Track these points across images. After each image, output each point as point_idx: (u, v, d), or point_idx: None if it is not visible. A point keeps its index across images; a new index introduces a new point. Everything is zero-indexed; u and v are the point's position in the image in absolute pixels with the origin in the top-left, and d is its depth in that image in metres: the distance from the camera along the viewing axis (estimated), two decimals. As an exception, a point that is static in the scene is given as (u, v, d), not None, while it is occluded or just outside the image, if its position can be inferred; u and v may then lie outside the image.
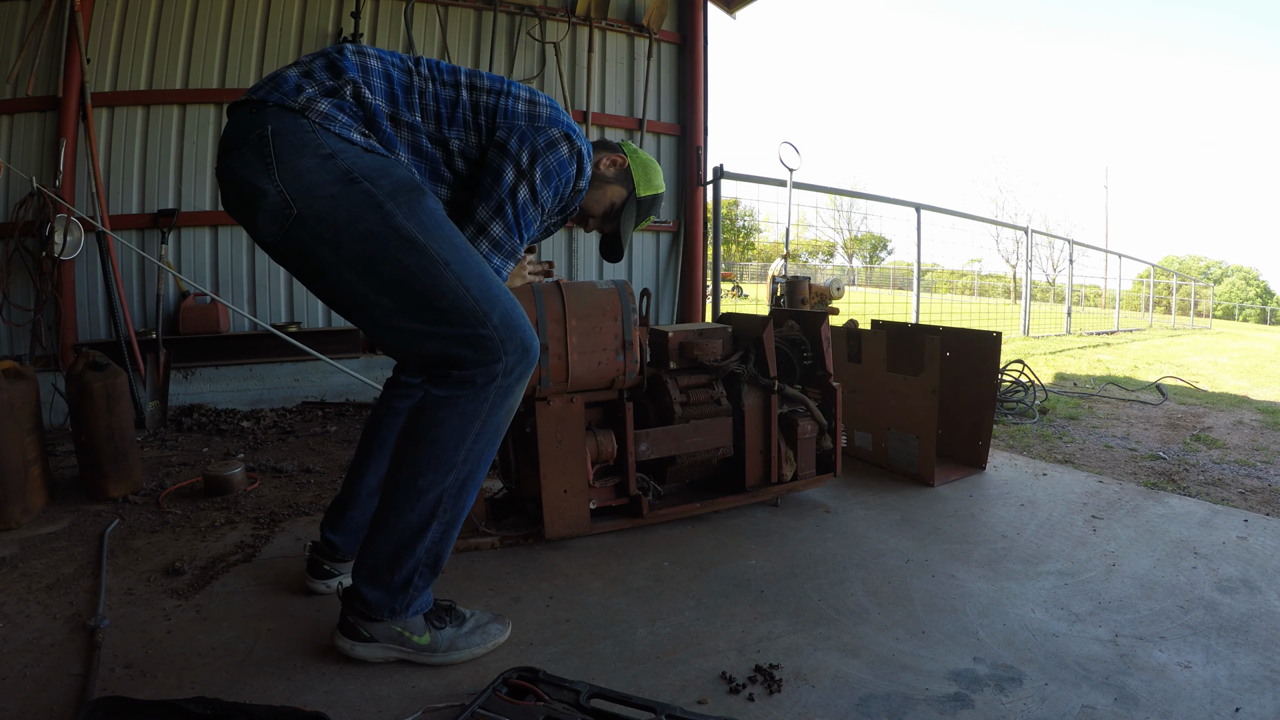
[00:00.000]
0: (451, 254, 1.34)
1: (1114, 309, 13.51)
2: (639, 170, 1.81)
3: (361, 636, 1.42)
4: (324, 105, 1.33)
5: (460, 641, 1.46)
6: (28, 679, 1.37)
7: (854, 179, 46.03)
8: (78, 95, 3.51)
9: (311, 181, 1.29)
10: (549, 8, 4.51)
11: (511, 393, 1.38)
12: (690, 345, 2.25)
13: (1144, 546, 2.06)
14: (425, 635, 1.44)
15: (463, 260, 1.35)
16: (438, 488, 1.37)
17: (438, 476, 1.37)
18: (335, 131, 1.32)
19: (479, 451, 1.39)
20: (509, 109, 1.52)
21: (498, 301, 1.36)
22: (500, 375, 1.36)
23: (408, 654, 1.43)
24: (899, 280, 16.92)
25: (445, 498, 1.38)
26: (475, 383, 1.35)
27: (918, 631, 1.58)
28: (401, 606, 1.41)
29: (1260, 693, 1.36)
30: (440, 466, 1.37)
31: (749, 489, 2.29)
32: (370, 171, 1.32)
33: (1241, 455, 3.16)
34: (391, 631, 1.42)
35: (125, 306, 3.53)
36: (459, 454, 1.37)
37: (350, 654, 1.43)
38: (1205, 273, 39.37)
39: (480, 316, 1.34)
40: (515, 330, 1.37)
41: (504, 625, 1.53)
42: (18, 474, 2.14)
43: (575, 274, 4.72)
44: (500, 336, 1.35)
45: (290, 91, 1.33)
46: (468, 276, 1.34)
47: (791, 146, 5.14)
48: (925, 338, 2.55)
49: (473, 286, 1.34)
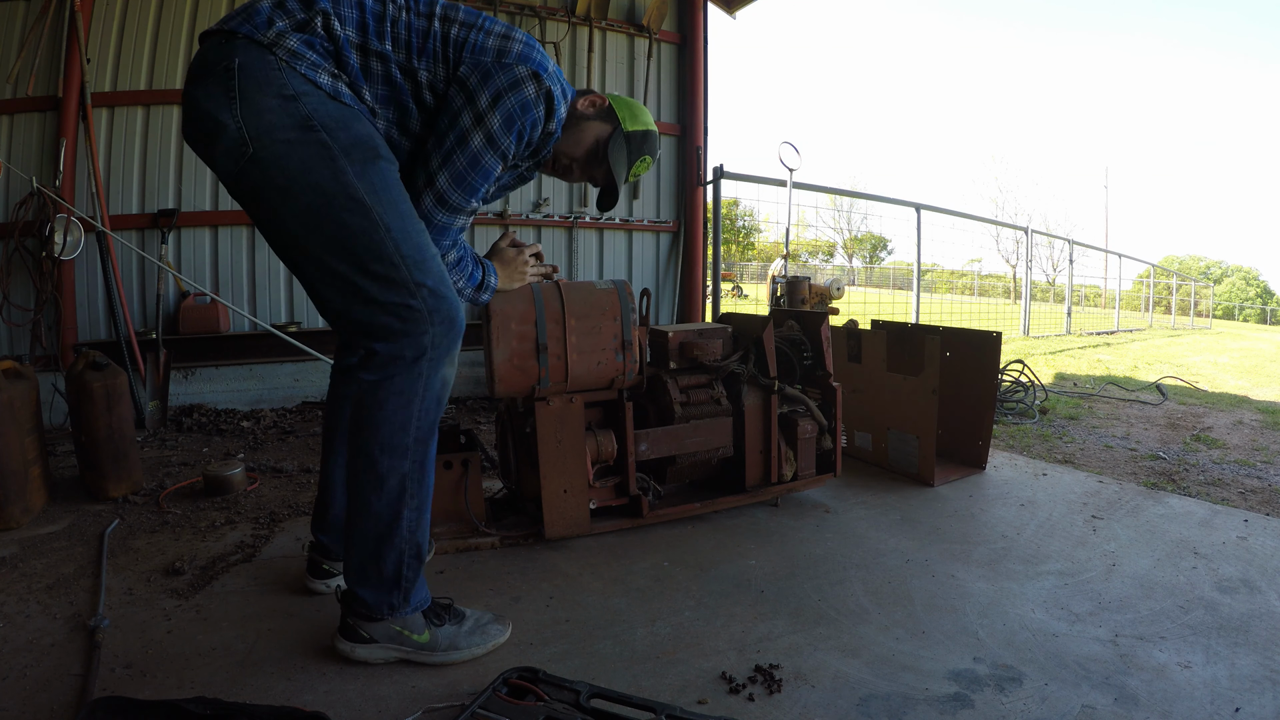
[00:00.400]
0: (394, 220, 1.32)
1: (1114, 309, 13.51)
2: (622, 107, 1.70)
3: (361, 638, 1.42)
4: (293, 41, 1.30)
5: (461, 641, 1.46)
6: (28, 679, 1.37)
7: (854, 179, 46.04)
8: (78, 95, 3.51)
9: (270, 122, 1.27)
10: (549, 8, 4.51)
11: (441, 364, 1.38)
12: (690, 345, 2.25)
13: (1144, 546, 2.05)
14: (425, 634, 1.44)
15: (404, 227, 1.33)
16: (397, 472, 1.38)
17: (395, 461, 1.37)
18: (302, 71, 1.29)
19: (426, 428, 1.39)
20: (477, 43, 1.43)
21: (429, 273, 1.35)
22: (428, 348, 1.36)
23: (408, 653, 1.43)
24: (899, 280, 16.92)
25: (408, 481, 1.39)
26: (404, 358, 1.35)
27: (918, 631, 1.58)
28: (399, 602, 1.42)
29: (1260, 693, 1.36)
30: (394, 450, 1.37)
31: (749, 489, 2.29)
32: (330, 121, 1.30)
33: (1241, 455, 3.16)
34: (391, 631, 1.42)
35: (125, 306, 3.53)
36: (408, 434, 1.37)
37: (351, 656, 1.43)
38: (1205, 273, 39.36)
39: (411, 287, 1.33)
40: (442, 302, 1.36)
41: (504, 626, 1.53)
42: (18, 474, 2.14)
43: (575, 274, 4.72)
44: (428, 308, 1.34)
45: (261, 24, 1.30)
46: (406, 245, 1.33)
47: (791, 146, 5.14)
48: (925, 338, 2.55)
49: (409, 256, 1.33)
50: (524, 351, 1.92)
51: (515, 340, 1.90)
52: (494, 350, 1.89)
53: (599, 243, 4.82)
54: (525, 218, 4.54)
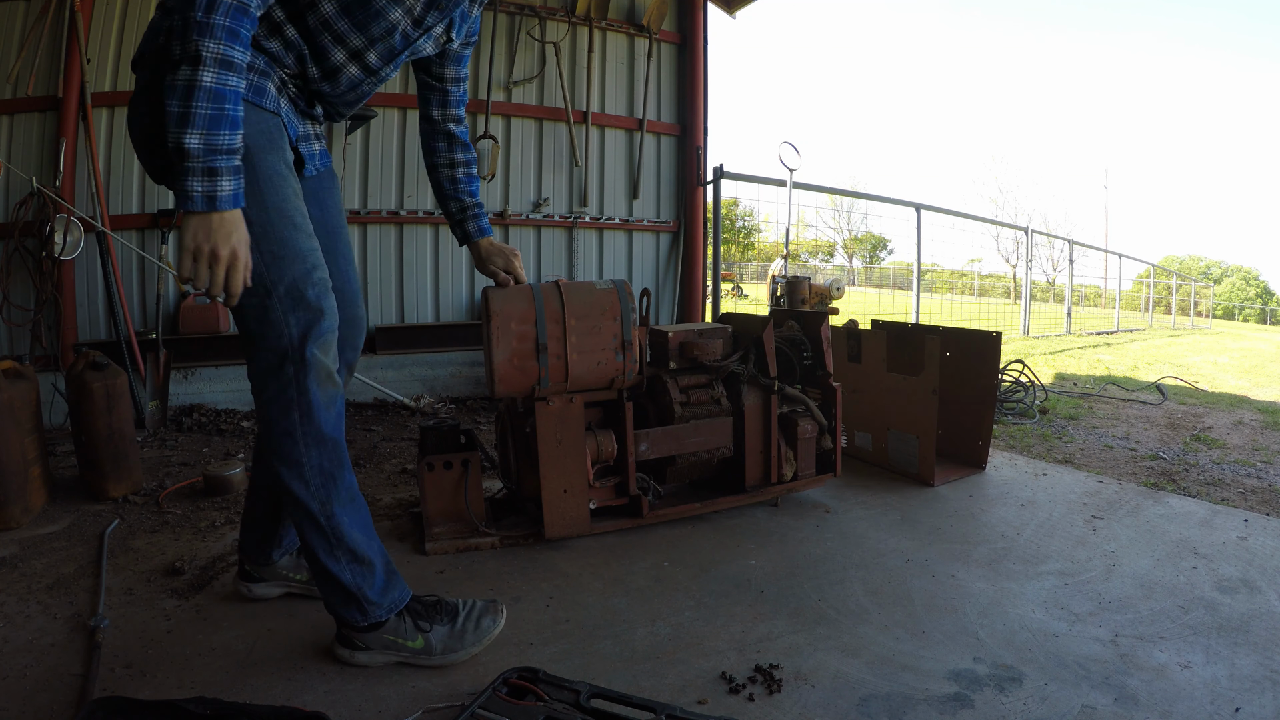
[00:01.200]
0: (257, 213, 1.24)
1: (1114, 309, 13.51)
2: None
3: (358, 645, 1.43)
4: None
5: (454, 642, 1.44)
6: (28, 679, 1.37)
7: (854, 179, 46.04)
8: (78, 95, 3.51)
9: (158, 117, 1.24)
10: (549, 8, 4.51)
11: (311, 368, 1.30)
12: (690, 345, 2.25)
13: (1144, 546, 2.05)
14: (418, 639, 1.43)
15: (266, 222, 1.26)
16: (301, 483, 1.33)
17: (295, 473, 1.33)
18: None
19: (315, 433, 1.32)
20: None
21: (286, 271, 1.27)
22: (289, 349, 1.28)
23: (406, 658, 1.43)
24: (899, 280, 16.92)
25: (313, 490, 1.34)
26: (270, 362, 1.29)
27: (918, 631, 1.58)
28: (373, 615, 1.40)
29: (1260, 693, 1.36)
30: (290, 462, 1.32)
31: (749, 489, 2.29)
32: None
33: (1241, 455, 3.16)
34: (384, 639, 1.42)
35: (125, 306, 3.53)
36: (297, 443, 1.32)
37: (351, 662, 1.43)
38: (1205, 273, 39.37)
39: (268, 286, 1.26)
40: (300, 301, 1.29)
41: (497, 615, 1.50)
42: (18, 474, 2.14)
43: (575, 274, 4.72)
44: (284, 308, 1.27)
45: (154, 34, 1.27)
46: (265, 240, 1.25)
47: (791, 146, 5.14)
48: (925, 338, 2.55)
49: (267, 252, 1.26)
50: (524, 351, 1.92)
51: (515, 340, 1.90)
52: (494, 350, 1.89)
53: (599, 242, 4.82)
54: (525, 218, 4.54)
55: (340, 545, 1.37)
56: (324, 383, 1.33)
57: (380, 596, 1.40)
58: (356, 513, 1.39)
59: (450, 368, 4.30)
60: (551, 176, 4.62)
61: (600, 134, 4.74)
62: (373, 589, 1.40)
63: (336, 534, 1.36)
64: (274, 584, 1.71)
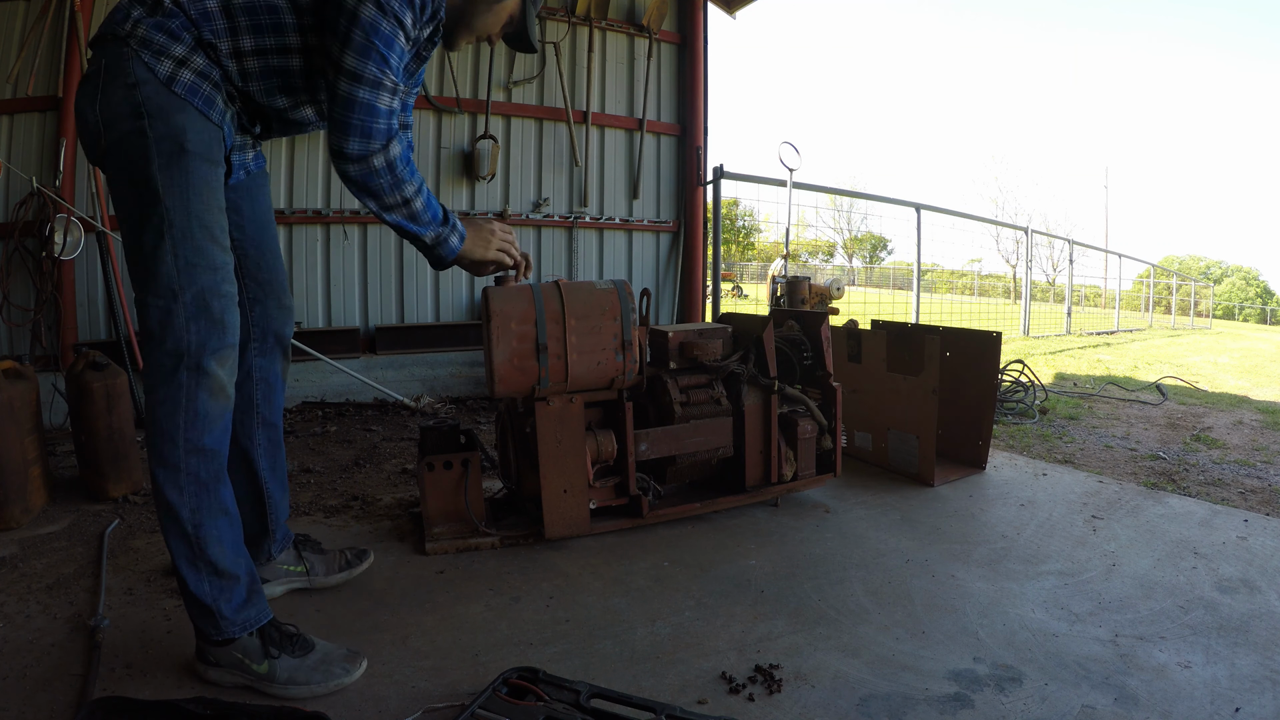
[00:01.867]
0: (180, 218, 1.31)
1: (1114, 309, 13.50)
2: None
3: (209, 660, 1.39)
4: (143, 29, 1.30)
5: (300, 675, 1.38)
6: (28, 679, 1.37)
7: (854, 179, 45.90)
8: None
9: (116, 112, 1.30)
10: (549, 8, 4.51)
11: (205, 377, 1.33)
12: (690, 345, 2.25)
13: (1144, 546, 2.05)
14: (264, 664, 1.38)
15: (187, 228, 1.31)
16: (175, 489, 1.34)
17: (169, 475, 1.34)
18: (145, 60, 1.30)
19: (196, 439, 1.34)
20: None
21: (196, 279, 1.32)
22: (185, 355, 1.32)
23: (250, 680, 1.37)
24: (899, 280, 16.91)
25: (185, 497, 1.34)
26: (166, 366, 1.32)
27: (918, 631, 1.58)
28: (226, 631, 1.36)
29: (1260, 693, 1.36)
30: (166, 464, 1.33)
31: (749, 489, 2.29)
32: (154, 109, 1.30)
33: (1241, 455, 3.16)
34: (233, 657, 1.37)
35: (125, 306, 3.53)
36: (178, 447, 1.33)
37: (205, 677, 1.39)
38: (1205, 273, 39.36)
39: (175, 290, 1.31)
40: (204, 311, 1.33)
41: (354, 665, 1.41)
42: (18, 474, 2.14)
43: (575, 274, 4.72)
44: (188, 315, 1.32)
45: (120, 19, 1.32)
46: (183, 245, 1.31)
47: (791, 146, 5.14)
48: (925, 338, 2.55)
49: (181, 257, 1.31)
50: (524, 351, 1.92)
51: (515, 340, 1.91)
52: (494, 350, 1.89)
53: (599, 242, 4.82)
54: (525, 218, 4.54)
55: (202, 556, 1.35)
56: (216, 395, 1.36)
57: (235, 613, 1.37)
58: (228, 527, 1.39)
59: (450, 368, 4.30)
60: (551, 176, 4.62)
61: (600, 134, 4.74)
62: (229, 604, 1.36)
63: (200, 545, 1.34)
64: (276, 583, 1.72)
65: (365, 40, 1.34)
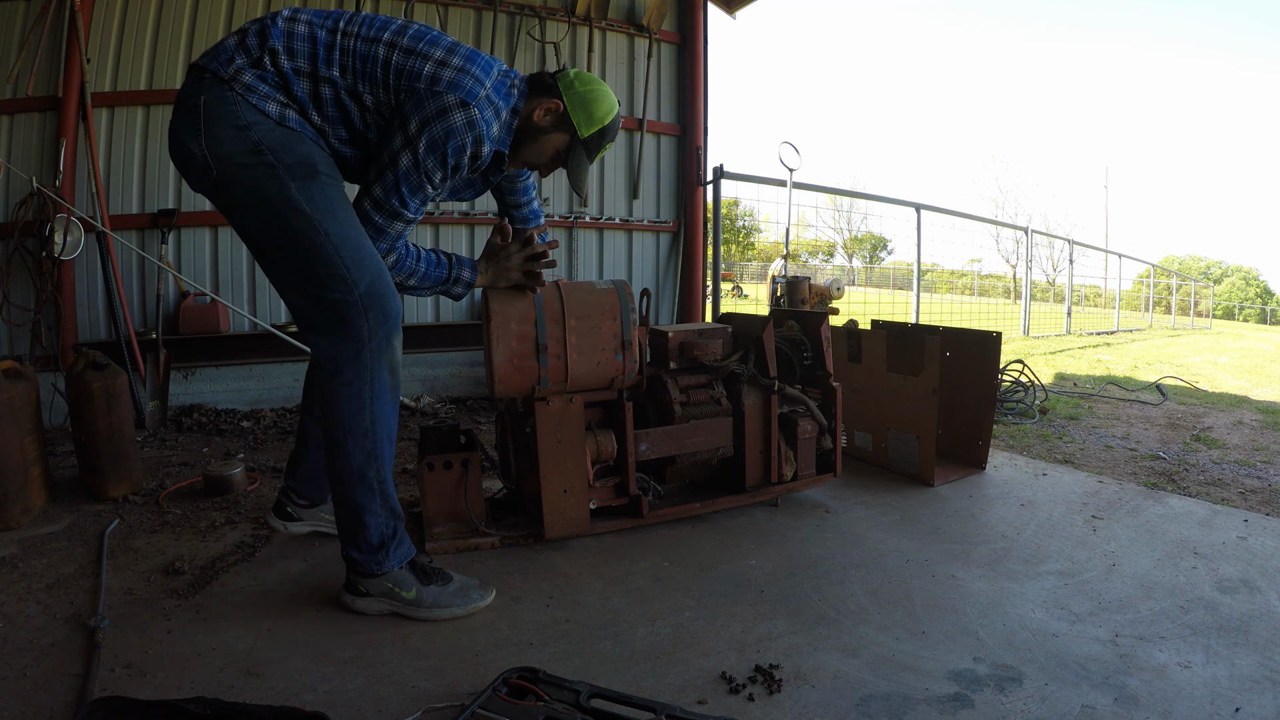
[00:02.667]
0: (333, 226, 1.52)
1: (1114, 309, 13.50)
2: (577, 110, 1.72)
3: (359, 592, 1.63)
4: (248, 77, 1.49)
5: (444, 599, 1.62)
6: (28, 679, 1.37)
7: (854, 179, 45.87)
8: (78, 95, 3.51)
9: (228, 150, 1.48)
10: (549, 8, 4.51)
11: (383, 353, 1.57)
12: (690, 345, 2.25)
13: (1144, 546, 2.06)
14: (412, 590, 1.61)
15: (342, 232, 1.52)
16: (362, 450, 1.57)
17: (357, 441, 1.57)
18: (253, 103, 1.48)
19: (379, 410, 1.58)
20: (414, 70, 1.54)
21: (366, 272, 1.53)
22: (367, 338, 1.54)
23: (398, 607, 1.62)
24: (899, 280, 16.91)
25: (371, 458, 1.58)
26: (348, 350, 1.54)
27: (918, 631, 1.58)
28: (384, 559, 1.61)
29: (1260, 693, 1.36)
30: (355, 432, 1.57)
31: (749, 489, 2.29)
32: (275, 145, 1.49)
33: (1241, 455, 3.16)
34: (384, 586, 1.61)
35: (125, 306, 3.53)
36: (364, 418, 1.57)
37: (352, 608, 1.63)
38: (1205, 273, 39.34)
39: (349, 284, 1.52)
40: (378, 298, 1.54)
41: (487, 592, 1.69)
42: (18, 474, 2.14)
43: (575, 274, 4.72)
44: (364, 304, 1.53)
45: (224, 61, 1.50)
46: (344, 247, 1.52)
47: (791, 146, 5.14)
48: (925, 338, 2.55)
49: (347, 257, 1.52)
50: (524, 351, 1.92)
51: (515, 340, 1.91)
52: (494, 350, 1.89)
53: (599, 243, 4.81)
54: (525, 218, 4.53)
55: (386, 502, 1.61)
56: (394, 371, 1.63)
57: (395, 549, 1.62)
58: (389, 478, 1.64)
59: (450, 368, 4.30)
60: (551, 176, 4.62)
61: (600, 134, 4.73)
62: (394, 541, 1.62)
63: (381, 493, 1.61)
64: (307, 523, 1.99)
65: (395, 184, 1.57)
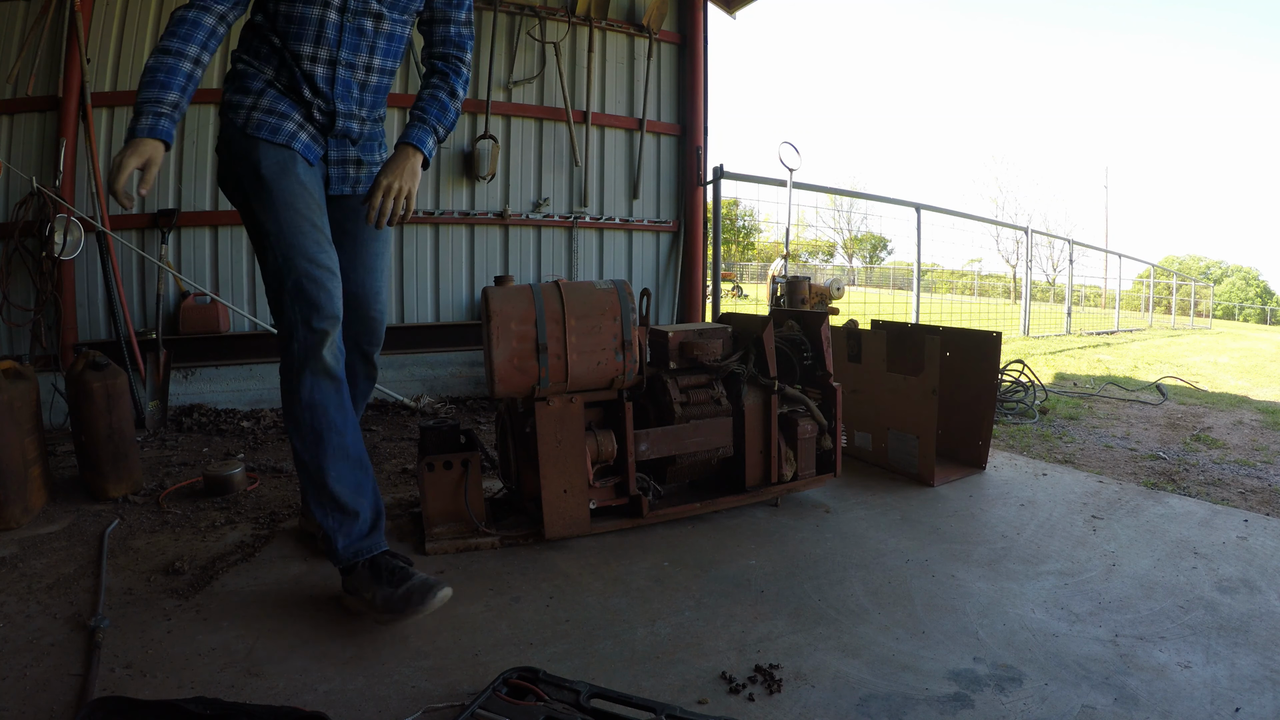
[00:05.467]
0: (272, 223, 1.53)
1: (1114, 309, 13.49)
2: None
3: (347, 589, 1.62)
4: (227, 94, 1.59)
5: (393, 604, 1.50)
6: (28, 679, 1.37)
7: (854, 179, 45.78)
8: (78, 95, 3.51)
9: (222, 168, 1.64)
10: (549, 8, 4.51)
11: (312, 355, 1.54)
12: (690, 345, 2.25)
13: (1144, 546, 2.05)
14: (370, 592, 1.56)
15: (279, 228, 1.52)
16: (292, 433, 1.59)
17: (293, 427, 1.58)
18: (229, 118, 1.57)
19: (305, 404, 1.55)
20: None
21: (293, 269, 1.52)
22: (291, 336, 1.54)
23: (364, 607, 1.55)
24: (899, 280, 16.89)
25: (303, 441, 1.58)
26: (285, 345, 1.56)
27: (918, 631, 1.58)
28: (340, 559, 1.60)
29: (1260, 693, 1.36)
30: (290, 420, 1.59)
31: (749, 489, 2.29)
32: (238, 153, 1.57)
33: (1241, 455, 3.16)
34: (355, 586, 1.58)
35: (125, 306, 3.53)
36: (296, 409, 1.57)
37: (342, 603, 1.65)
38: (1205, 273, 39.33)
39: (281, 281, 1.53)
40: (300, 295, 1.52)
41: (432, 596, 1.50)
42: (18, 474, 2.14)
43: (575, 274, 4.72)
44: (288, 300, 1.52)
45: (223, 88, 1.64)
46: (279, 244, 1.52)
47: (791, 146, 5.14)
48: (925, 338, 2.55)
49: (281, 254, 1.52)
50: (524, 351, 1.92)
51: (515, 340, 1.91)
52: (494, 350, 1.89)
53: (599, 243, 4.81)
54: (525, 218, 4.54)
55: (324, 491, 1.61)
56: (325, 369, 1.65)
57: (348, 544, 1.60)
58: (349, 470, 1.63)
59: (450, 368, 4.30)
60: (551, 176, 4.62)
61: (600, 134, 4.74)
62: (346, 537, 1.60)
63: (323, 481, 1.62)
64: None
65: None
